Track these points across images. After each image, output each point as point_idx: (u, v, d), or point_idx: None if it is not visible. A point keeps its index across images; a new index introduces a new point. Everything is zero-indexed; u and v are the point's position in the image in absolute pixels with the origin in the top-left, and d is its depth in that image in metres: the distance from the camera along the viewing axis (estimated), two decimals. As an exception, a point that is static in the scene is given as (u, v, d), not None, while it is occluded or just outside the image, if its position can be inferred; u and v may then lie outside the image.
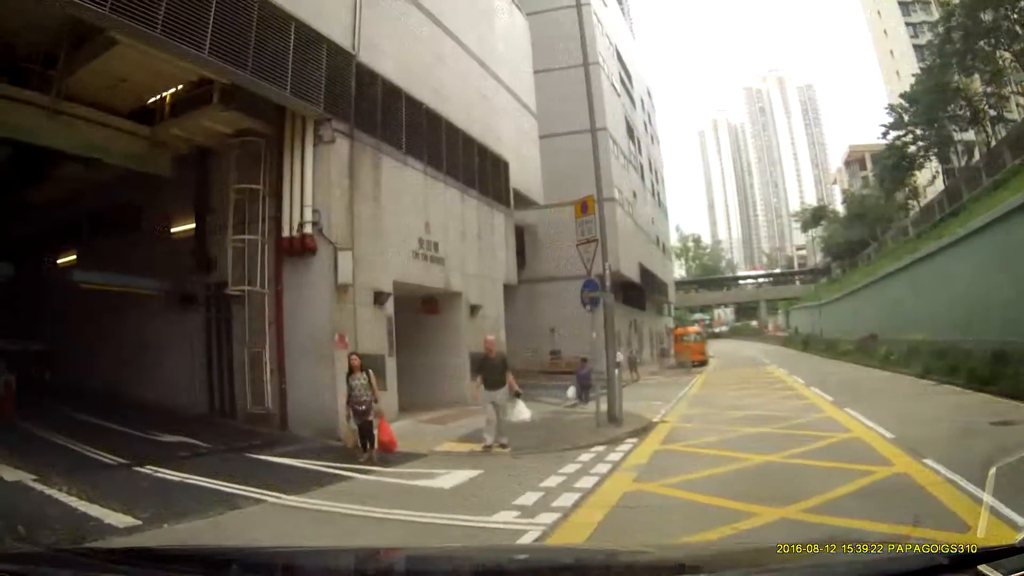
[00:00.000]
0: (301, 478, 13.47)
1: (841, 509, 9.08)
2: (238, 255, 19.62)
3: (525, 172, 34.26)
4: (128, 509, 10.63)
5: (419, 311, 25.77)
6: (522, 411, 17.32)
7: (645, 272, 56.88)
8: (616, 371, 20.46)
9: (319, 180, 19.40)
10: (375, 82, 21.59)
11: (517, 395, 17.31)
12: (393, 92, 22.48)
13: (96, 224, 26.88)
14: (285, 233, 19.41)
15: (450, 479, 12.89)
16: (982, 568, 2.56)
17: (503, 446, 16.06)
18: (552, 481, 12.09)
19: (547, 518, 9.77)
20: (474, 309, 27.01)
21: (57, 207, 27.80)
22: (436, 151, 24.86)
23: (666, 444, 16.11)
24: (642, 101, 68.52)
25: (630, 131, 58.52)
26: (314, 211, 19.22)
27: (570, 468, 13.28)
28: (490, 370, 16.67)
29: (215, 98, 18.87)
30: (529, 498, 10.92)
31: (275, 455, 15.99)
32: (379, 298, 20.80)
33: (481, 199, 28.45)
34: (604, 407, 19.43)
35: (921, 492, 9.81)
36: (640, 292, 57.24)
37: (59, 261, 27.43)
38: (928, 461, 11.53)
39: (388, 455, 15.17)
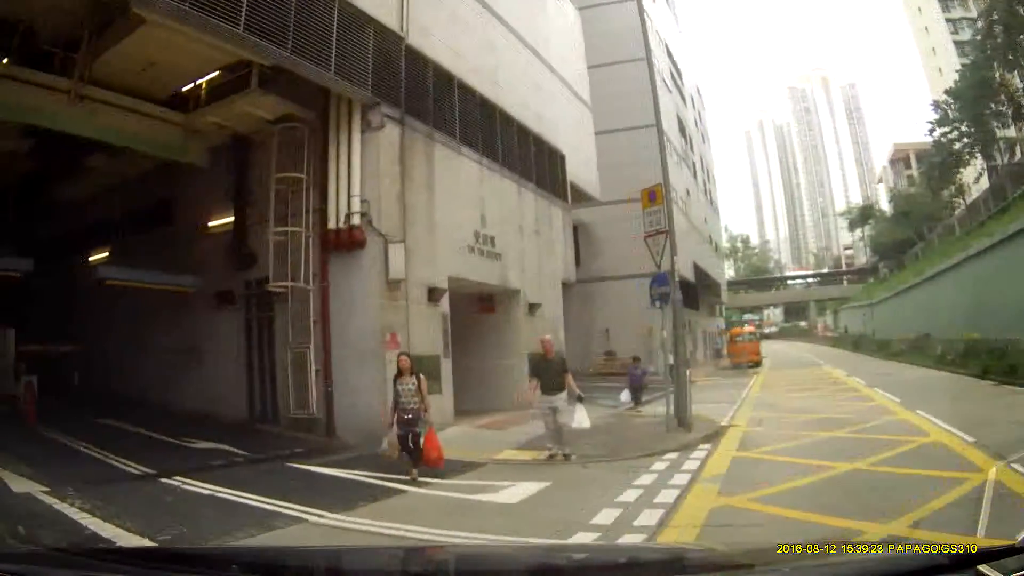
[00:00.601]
0: (348, 492, 12.34)
1: (949, 521, 8.33)
2: (280, 249, 18.60)
3: (581, 165, 33.11)
4: (145, 528, 9.50)
5: (474, 310, 24.67)
6: (582, 419, 15.51)
7: (699, 272, 55.62)
8: (687, 372, 19.28)
9: (367, 169, 18.35)
10: (426, 67, 20.53)
11: (579, 399, 15.57)
12: (445, 78, 21.42)
13: (128, 220, 25.81)
14: (331, 225, 18.36)
15: (515, 493, 11.68)
16: (982, 568, 2.51)
17: (566, 456, 14.66)
18: (629, 495, 11.02)
19: (632, 540, 8.68)
20: (532, 308, 25.87)
21: (87, 203, 26.93)
22: (491, 141, 23.79)
23: (742, 451, 15.04)
24: (692, 98, 67.44)
25: (682, 128, 57.18)
26: (362, 201, 18.17)
27: (645, 479, 12.23)
28: (548, 373, 15.15)
29: (253, 82, 17.90)
30: (607, 516, 9.77)
31: (319, 465, 14.83)
32: (433, 295, 19.73)
33: (538, 192, 27.31)
34: (663, 410, 18.31)
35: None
36: (694, 292, 55.09)
37: (89, 259, 26.24)
38: (1016, 466, 10.84)
39: (435, 471, 13.57)
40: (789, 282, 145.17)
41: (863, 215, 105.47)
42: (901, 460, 12.56)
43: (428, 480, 13.03)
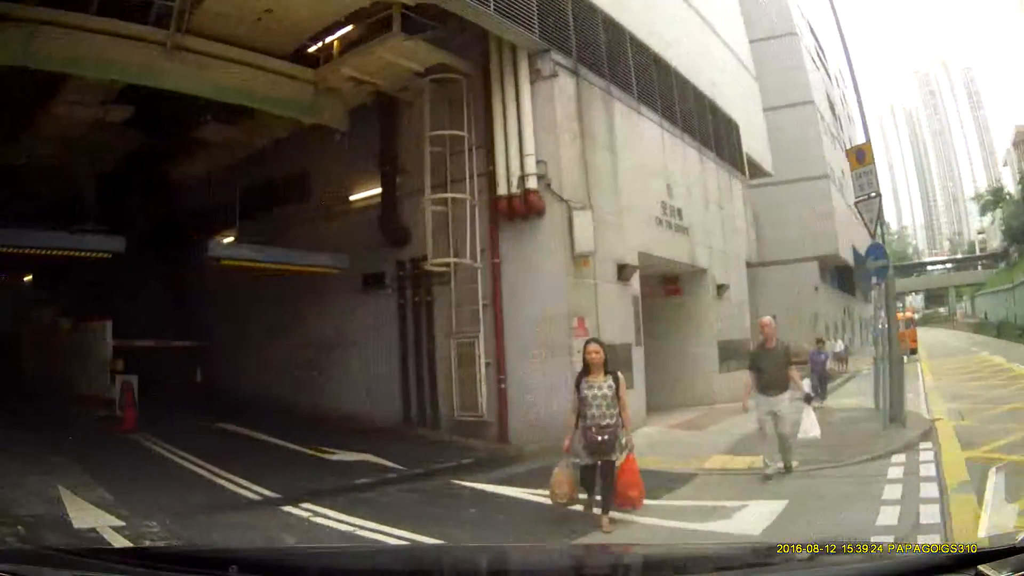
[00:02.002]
0: (536, 520, 10.19)
1: None
2: (440, 221, 16.45)
3: (752, 138, 30.61)
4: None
5: (658, 292, 22.20)
6: (811, 426, 12.42)
7: (857, 256, 51.46)
8: (904, 360, 17.64)
9: (541, 124, 15.87)
10: (594, 16, 18.06)
11: (808, 400, 12.64)
12: (615, 29, 18.96)
13: (253, 199, 23.21)
14: (501, 190, 15.99)
15: (752, 517, 9.61)
16: (982, 568, 2.47)
17: (786, 469, 11.69)
18: (887, 515, 9.10)
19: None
20: (720, 289, 23.37)
21: (204, 182, 24.57)
22: (669, 103, 21.26)
23: (968, 450, 12.99)
24: (836, 78, 64.11)
25: (831, 106, 54.70)
26: (539, 162, 15.67)
27: (890, 491, 10.27)
28: (769, 366, 11.91)
29: (395, 25, 15.33)
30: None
31: (494, 482, 12.35)
32: (623, 272, 17.13)
33: (719, 163, 24.85)
34: (849, 401, 17.32)
35: None
36: (852, 277, 52.10)
37: (207, 244, 23.54)
38: None
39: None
40: (928, 268, 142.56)
41: (994, 199, 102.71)
42: None
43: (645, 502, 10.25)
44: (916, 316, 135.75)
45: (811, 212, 39.99)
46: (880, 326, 17.40)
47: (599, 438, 8.89)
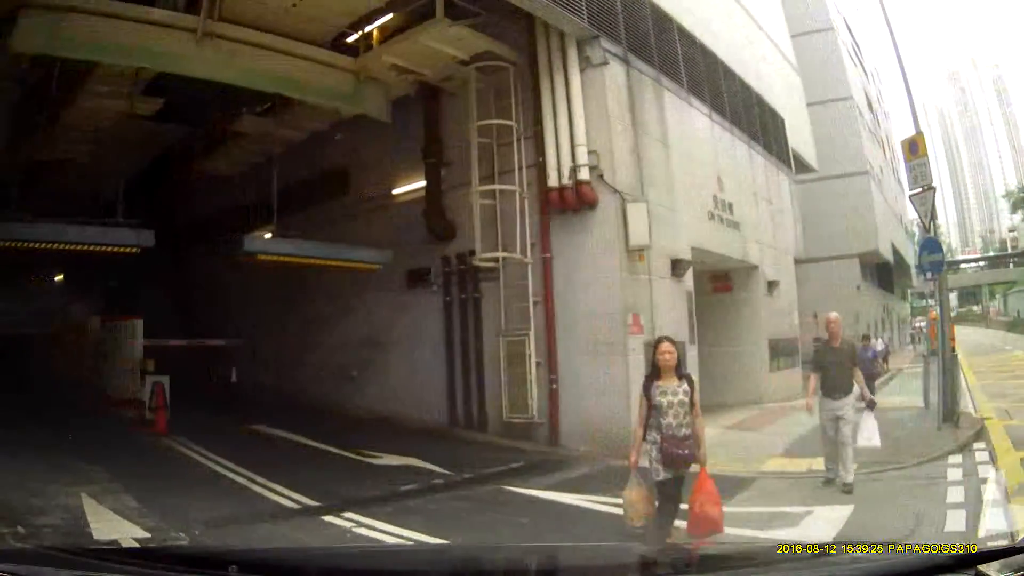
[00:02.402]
0: (593, 527, 9.75)
1: None
2: (487, 215, 16.00)
3: (796, 133, 29.99)
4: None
5: (708, 288, 21.68)
6: (872, 433, 11.58)
7: (895, 253, 52.58)
8: (954, 358, 17.06)
9: (592, 114, 15.30)
10: (641, 3, 17.55)
11: (871, 406, 11.78)
12: (662, 18, 18.39)
13: (292, 193, 22.74)
14: (552, 182, 15.38)
15: (819, 523, 9.38)
16: (982, 568, 2.52)
17: (846, 487, 10.71)
18: (955, 519, 8.78)
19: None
20: (771, 286, 22.76)
21: (240, 177, 24.00)
22: (718, 95, 20.72)
23: (1021, 450, 12.67)
24: (872, 75, 63.80)
25: (869, 103, 54.18)
26: (590, 152, 15.06)
27: (953, 494, 10.08)
28: (834, 367, 11.18)
29: (438, 11, 14.83)
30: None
31: (547, 488, 11.73)
32: (677, 268, 16.52)
33: (767, 157, 24.25)
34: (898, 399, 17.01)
35: None
36: (890, 275, 53.30)
37: (242, 241, 23.12)
38: None
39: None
40: (961, 266, 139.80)
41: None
42: None
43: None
44: (952, 314, 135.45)
45: (850, 208, 39.50)
46: (918, 325, 17.29)
47: (678, 451, 7.76)
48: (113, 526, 8.83)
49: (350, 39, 16.65)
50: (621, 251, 14.79)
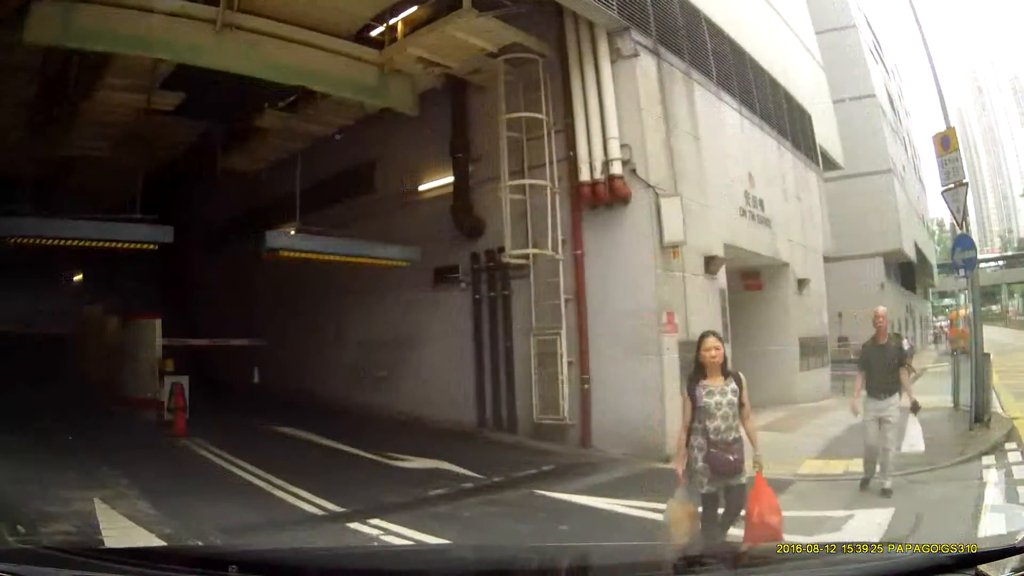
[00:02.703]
0: (631, 533, 9.32)
1: None
2: (517, 211, 15.62)
3: (823, 130, 29.57)
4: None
5: (738, 287, 21.11)
6: (916, 438, 10.83)
7: (918, 252, 52.39)
8: (986, 357, 16.35)
9: (624, 106, 14.94)
10: None
11: (915, 408, 10.87)
12: (691, 10, 18.09)
13: (316, 191, 22.46)
14: (583, 176, 15.02)
15: (861, 528, 9.13)
16: (983, 568, 2.54)
17: (885, 491, 10.30)
18: (994, 521, 8.73)
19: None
20: (801, 284, 22.43)
21: (263, 174, 23.68)
22: (747, 90, 20.35)
23: None
24: (893, 72, 63.54)
25: (891, 100, 53.69)
26: (623, 146, 14.72)
27: (991, 496, 10.03)
28: (880, 365, 10.69)
29: (465, 1, 14.54)
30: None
31: (581, 492, 11.21)
32: (710, 265, 16.17)
33: (796, 154, 23.85)
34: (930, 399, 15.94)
35: None
36: (912, 274, 53.12)
37: (265, 239, 22.83)
38: None
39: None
40: (980, 265, 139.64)
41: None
42: None
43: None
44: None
45: (874, 207, 39.26)
46: (940, 325, 16.92)
47: (728, 456, 7.01)
48: (126, 533, 8.53)
49: (374, 32, 16.39)
50: (655, 247, 14.45)
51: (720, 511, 7.23)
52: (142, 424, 18.17)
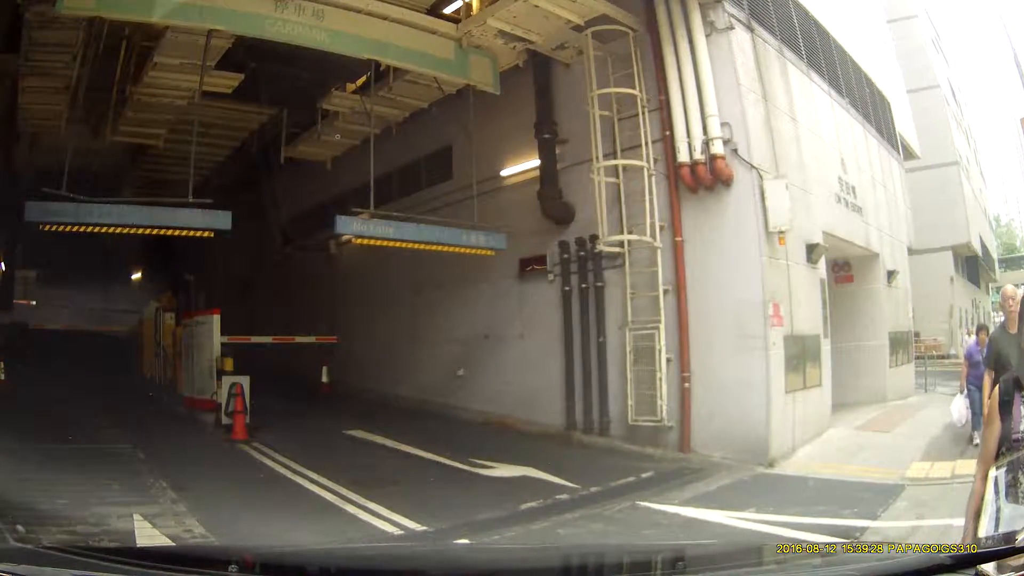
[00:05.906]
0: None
1: None
2: (610, 195, 14.71)
3: (900, 118, 28.38)
4: None
5: (830, 278, 20.14)
6: None
7: (983, 246, 51.51)
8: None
9: (722, 82, 14.06)
10: None
11: None
12: None
13: (390, 179, 21.76)
14: (682, 157, 14.03)
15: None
16: (983, 568, 2.51)
17: None
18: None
19: None
20: (891, 275, 21.15)
21: (333, 163, 23.01)
22: (833, 71, 19.43)
23: None
24: (951, 63, 62.65)
25: (952, 92, 52.77)
26: (723, 124, 13.76)
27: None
28: (1013, 359, 9.41)
29: None
30: None
31: (688, 503, 10.44)
32: (812, 253, 15.23)
33: (880, 140, 22.81)
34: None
35: None
36: (977, 268, 52.51)
37: (334, 231, 21.94)
38: None
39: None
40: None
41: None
42: None
43: (864, 524, 9.19)
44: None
45: (942, 200, 38.66)
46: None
47: None
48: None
49: (449, 9, 15.78)
50: (760, 233, 13.54)
51: None
52: (200, 427, 17.53)
